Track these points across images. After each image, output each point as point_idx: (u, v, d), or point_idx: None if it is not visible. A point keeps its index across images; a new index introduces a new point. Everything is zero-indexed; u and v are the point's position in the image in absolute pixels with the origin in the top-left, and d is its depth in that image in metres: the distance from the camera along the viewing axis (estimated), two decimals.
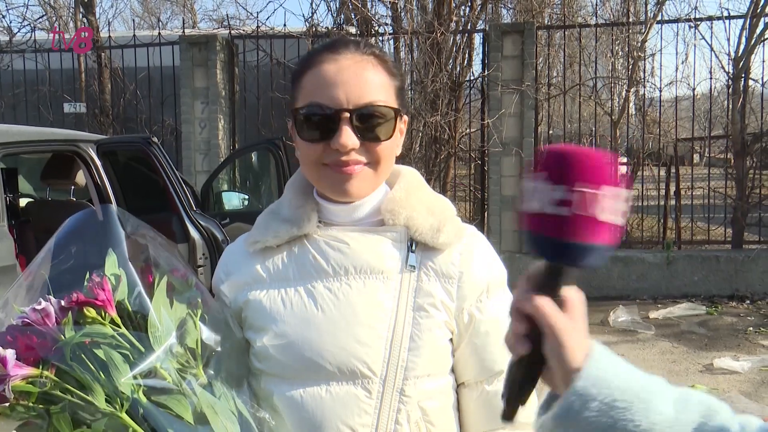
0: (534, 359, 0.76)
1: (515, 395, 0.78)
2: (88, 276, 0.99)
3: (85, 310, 0.96)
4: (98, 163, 4.79)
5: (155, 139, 4.85)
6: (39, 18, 13.91)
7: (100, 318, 0.97)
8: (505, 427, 1.13)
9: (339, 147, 1.09)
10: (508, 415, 0.79)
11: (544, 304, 0.75)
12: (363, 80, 1.10)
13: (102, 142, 4.93)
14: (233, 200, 6.37)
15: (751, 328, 6.42)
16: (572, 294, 0.76)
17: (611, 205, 0.69)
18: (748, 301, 7.34)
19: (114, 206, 1.12)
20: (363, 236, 1.16)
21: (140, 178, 5.15)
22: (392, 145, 1.15)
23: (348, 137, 1.09)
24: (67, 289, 0.98)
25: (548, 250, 0.72)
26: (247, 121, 8.75)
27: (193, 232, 4.69)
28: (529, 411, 0.81)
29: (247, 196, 6.77)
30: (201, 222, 4.74)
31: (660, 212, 8.46)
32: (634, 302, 7.28)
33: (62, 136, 4.91)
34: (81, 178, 5.01)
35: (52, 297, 0.98)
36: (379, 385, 1.09)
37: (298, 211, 1.18)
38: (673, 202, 8.32)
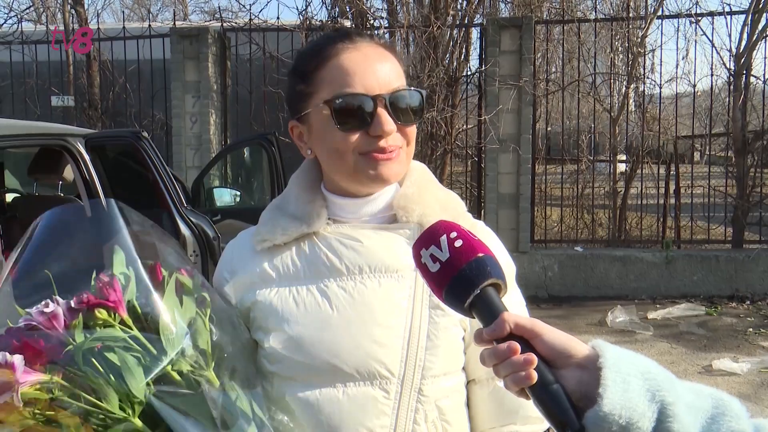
0: (541, 374, 0.79)
1: (561, 411, 0.78)
2: (95, 275, 0.96)
3: (96, 312, 0.93)
4: (86, 157, 4.72)
5: (145, 134, 4.81)
6: (26, 9, 13.75)
7: (111, 320, 0.93)
8: (516, 423, 1.17)
9: (382, 132, 1.09)
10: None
11: (508, 316, 0.80)
12: (387, 68, 1.12)
13: (90, 137, 4.88)
14: (225, 196, 6.33)
15: (750, 329, 6.40)
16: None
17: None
18: (748, 302, 7.31)
19: (114, 201, 1.05)
20: (376, 234, 1.15)
21: (129, 173, 5.09)
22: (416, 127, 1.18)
23: (388, 122, 1.09)
24: (69, 289, 0.94)
25: (462, 285, 0.83)
26: (239, 116, 8.67)
27: (184, 229, 4.62)
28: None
29: (239, 193, 6.73)
30: (192, 219, 4.67)
31: (659, 211, 8.42)
32: (633, 302, 7.25)
33: (50, 130, 4.84)
34: (69, 173, 4.96)
35: (59, 298, 0.93)
36: (397, 386, 1.09)
37: (307, 207, 1.17)
38: (672, 200, 8.29)
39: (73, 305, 0.93)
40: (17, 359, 0.87)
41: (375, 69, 1.10)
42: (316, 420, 1.08)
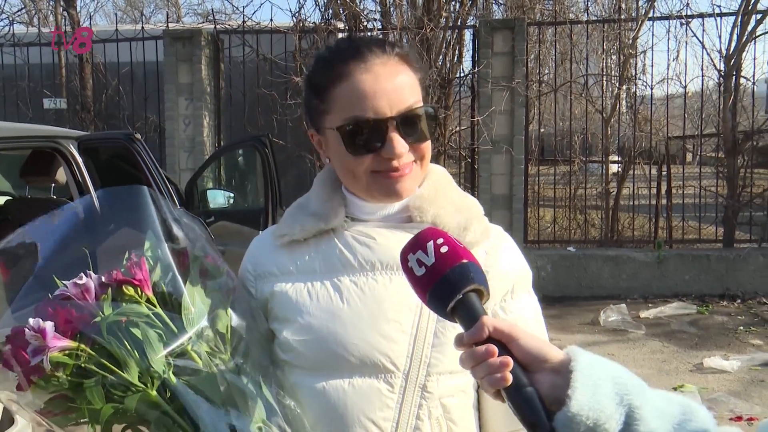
0: (516, 377, 0.81)
1: (533, 412, 0.80)
2: (127, 255, 1.03)
3: (123, 288, 1.00)
4: (79, 160, 4.67)
5: (138, 136, 4.75)
6: (17, 11, 13.64)
7: (137, 296, 1.00)
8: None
9: (393, 156, 1.11)
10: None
11: (487, 320, 0.83)
12: (399, 86, 1.13)
13: (83, 139, 4.82)
14: (218, 198, 6.29)
15: (741, 328, 6.43)
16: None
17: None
18: (738, 300, 7.34)
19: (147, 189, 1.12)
20: (390, 232, 1.18)
21: (122, 175, 5.04)
22: (431, 140, 1.19)
23: (400, 144, 1.11)
24: (104, 267, 1.02)
25: (446, 289, 0.86)
26: (233, 118, 8.63)
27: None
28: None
29: (232, 195, 6.70)
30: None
31: (651, 211, 8.44)
32: (625, 302, 7.26)
33: (42, 133, 4.80)
34: (61, 175, 4.90)
35: (92, 273, 1.01)
36: (401, 380, 1.11)
37: (326, 205, 1.21)
38: (664, 200, 8.30)
39: (103, 280, 1.00)
40: (48, 326, 0.94)
41: (386, 90, 1.11)
42: (323, 409, 1.11)
